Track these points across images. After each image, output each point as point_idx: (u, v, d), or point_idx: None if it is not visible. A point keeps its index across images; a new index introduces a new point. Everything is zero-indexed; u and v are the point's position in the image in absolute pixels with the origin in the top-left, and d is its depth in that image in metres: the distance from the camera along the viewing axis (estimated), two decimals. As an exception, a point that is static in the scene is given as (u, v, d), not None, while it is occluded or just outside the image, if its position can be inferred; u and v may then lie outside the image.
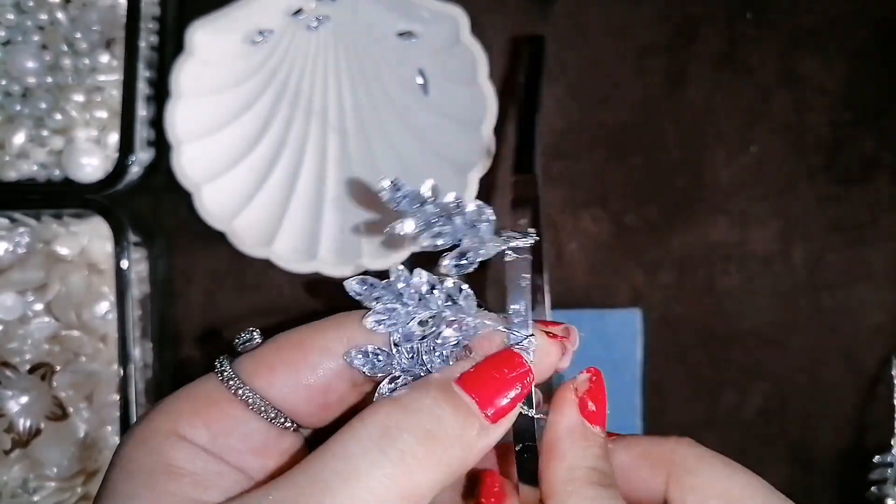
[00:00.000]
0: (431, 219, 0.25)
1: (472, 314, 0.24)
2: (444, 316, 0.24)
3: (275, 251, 0.43)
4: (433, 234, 0.25)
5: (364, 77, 0.44)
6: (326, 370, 0.24)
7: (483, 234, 0.25)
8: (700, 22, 0.46)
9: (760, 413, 0.47)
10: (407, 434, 0.21)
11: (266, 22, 0.43)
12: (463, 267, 0.25)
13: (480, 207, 0.25)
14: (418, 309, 0.24)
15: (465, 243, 0.25)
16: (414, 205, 0.25)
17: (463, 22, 0.41)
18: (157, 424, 0.23)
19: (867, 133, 0.46)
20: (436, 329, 0.24)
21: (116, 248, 0.40)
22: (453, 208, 0.25)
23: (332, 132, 0.45)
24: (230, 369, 0.24)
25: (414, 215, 0.25)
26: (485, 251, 0.25)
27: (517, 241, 0.24)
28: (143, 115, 0.41)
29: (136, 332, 0.41)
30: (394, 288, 0.24)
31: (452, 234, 0.25)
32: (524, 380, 0.23)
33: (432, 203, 0.25)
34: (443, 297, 0.24)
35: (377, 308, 0.24)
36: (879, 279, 0.46)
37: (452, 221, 0.25)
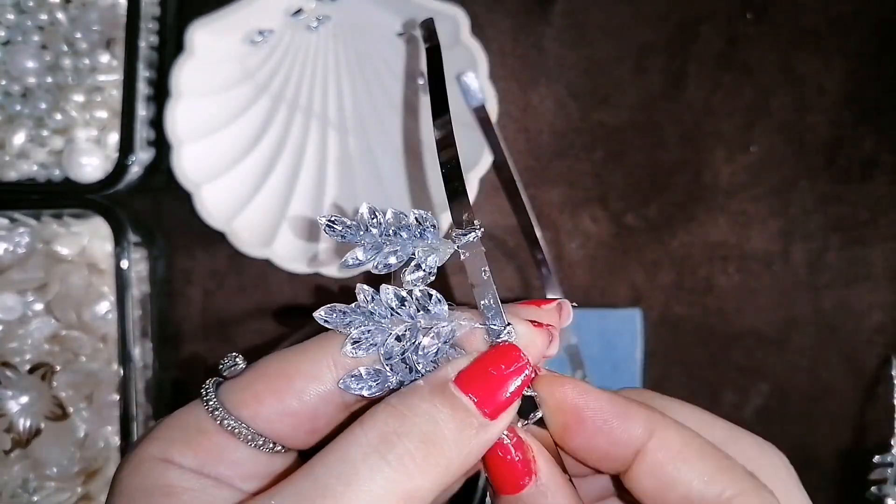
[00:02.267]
0: (379, 240, 0.25)
1: (447, 318, 0.24)
2: (419, 326, 0.24)
3: (275, 251, 0.43)
4: (385, 255, 0.25)
5: (364, 77, 0.44)
6: (313, 395, 0.23)
7: (432, 242, 0.25)
8: (700, 22, 0.46)
9: (760, 413, 0.47)
10: (406, 439, 0.21)
11: (266, 22, 0.43)
12: (423, 278, 0.25)
13: (421, 216, 0.25)
14: (392, 325, 0.24)
15: (418, 254, 0.25)
16: (357, 233, 0.25)
17: (463, 22, 0.41)
18: (148, 452, 0.23)
19: (867, 133, 0.46)
20: (414, 340, 0.24)
21: (116, 248, 0.40)
22: (396, 224, 0.25)
23: (332, 132, 0.45)
24: (215, 399, 0.24)
25: (360, 243, 0.25)
26: (439, 257, 0.25)
27: (465, 237, 0.24)
28: (143, 115, 0.41)
29: (136, 332, 0.41)
30: (364, 309, 0.24)
31: (403, 249, 0.25)
32: (522, 373, 0.23)
33: (374, 225, 0.25)
34: (414, 307, 0.24)
35: (353, 334, 0.24)
36: (879, 279, 0.46)
37: (399, 237, 0.25)
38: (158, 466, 0.22)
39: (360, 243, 0.25)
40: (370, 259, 0.25)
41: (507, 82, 0.45)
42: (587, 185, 0.46)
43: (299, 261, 0.43)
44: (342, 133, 0.45)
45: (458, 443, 0.21)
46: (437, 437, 0.21)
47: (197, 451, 0.23)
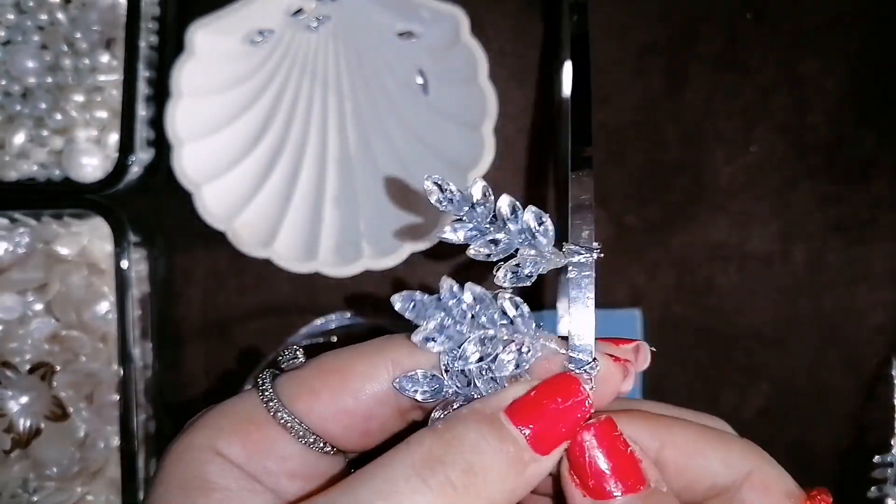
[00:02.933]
0: (483, 224, 0.23)
1: (532, 337, 0.22)
2: (500, 336, 0.22)
3: (275, 251, 0.43)
4: (485, 241, 0.23)
5: (364, 77, 0.44)
6: (369, 396, 0.23)
7: (542, 247, 0.23)
8: (700, 22, 0.46)
9: (760, 413, 0.47)
10: (449, 468, 0.20)
11: (266, 22, 0.43)
12: (520, 280, 0.23)
13: (538, 216, 0.23)
14: (471, 327, 0.22)
15: (521, 254, 0.23)
16: (463, 207, 0.23)
17: (463, 22, 0.41)
18: (195, 439, 0.22)
19: (867, 133, 0.46)
20: (491, 352, 0.22)
21: (116, 248, 0.40)
22: (508, 214, 0.23)
23: (332, 132, 0.45)
24: (272, 390, 0.23)
25: (461, 217, 0.23)
26: (544, 265, 0.23)
27: (582, 255, 0.23)
28: (143, 115, 0.41)
29: (136, 332, 0.41)
30: (443, 304, 0.22)
31: (508, 243, 0.23)
32: (580, 409, 0.22)
33: (483, 206, 0.23)
34: (497, 314, 0.22)
35: (427, 326, 0.22)
36: (879, 279, 0.46)
37: (507, 229, 0.23)
38: (200, 457, 0.22)
39: (462, 218, 0.23)
40: (468, 239, 0.23)
41: (507, 82, 0.45)
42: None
43: (299, 261, 0.43)
44: (342, 133, 0.45)
45: (503, 477, 0.21)
46: (481, 469, 0.20)
47: (245, 442, 0.22)
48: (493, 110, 0.42)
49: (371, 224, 0.44)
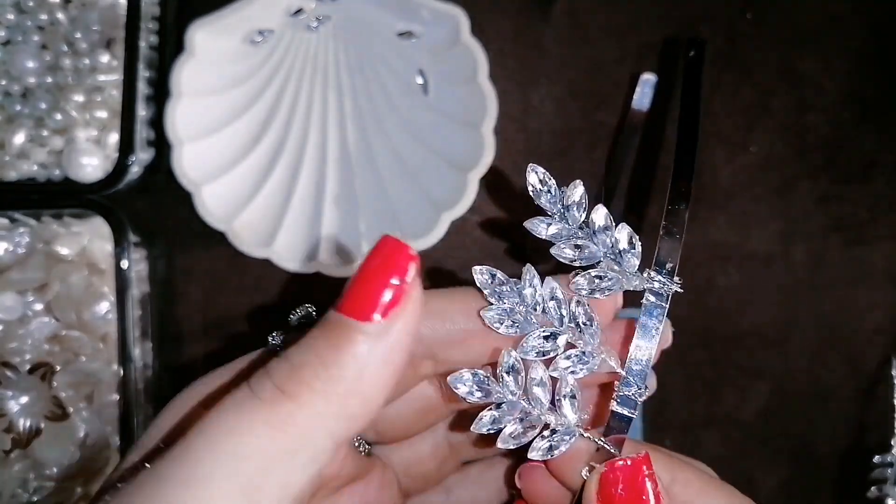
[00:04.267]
0: (574, 228, 0.23)
1: (595, 345, 0.23)
2: (564, 338, 0.23)
3: (275, 251, 0.43)
4: (572, 245, 0.23)
5: (364, 77, 0.44)
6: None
7: (626, 266, 0.23)
8: (700, 22, 0.46)
9: (760, 413, 0.47)
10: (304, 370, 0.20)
11: (266, 22, 0.43)
12: (597, 292, 0.23)
13: (631, 235, 0.23)
14: (539, 320, 0.23)
15: (602, 266, 0.23)
16: (556, 205, 0.23)
17: (463, 22, 0.41)
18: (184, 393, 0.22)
19: (867, 133, 0.46)
20: (551, 351, 0.23)
21: (116, 248, 0.40)
22: (601, 226, 0.23)
23: (332, 132, 0.45)
24: (281, 346, 0.23)
25: (551, 215, 0.23)
26: (623, 284, 0.23)
27: (663, 286, 0.23)
28: (143, 115, 0.41)
29: (136, 332, 0.41)
30: (521, 289, 0.23)
31: (593, 253, 0.23)
32: (400, 259, 0.21)
33: (578, 210, 0.23)
34: (570, 317, 0.23)
35: (501, 306, 0.23)
36: (879, 279, 0.46)
37: (596, 239, 0.23)
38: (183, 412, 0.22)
39: (552, 216, 0.23)
40: (554, 239, 0.23)
41: (507, 82, 0.45)
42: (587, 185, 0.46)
43: (299, 261, 0.43)
44: (342, 133, 0.45)
45: (362, 363, 0.20)
46: (335, 363, 0.20)
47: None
48: (493, 110, 0.42)
49: (371, 224, 0.44)
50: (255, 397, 0.20)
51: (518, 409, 0.23)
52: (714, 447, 0.46)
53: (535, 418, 0.23)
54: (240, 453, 0.19)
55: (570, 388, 0.23)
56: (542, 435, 0.23)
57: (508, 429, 0.23)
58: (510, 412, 0.23)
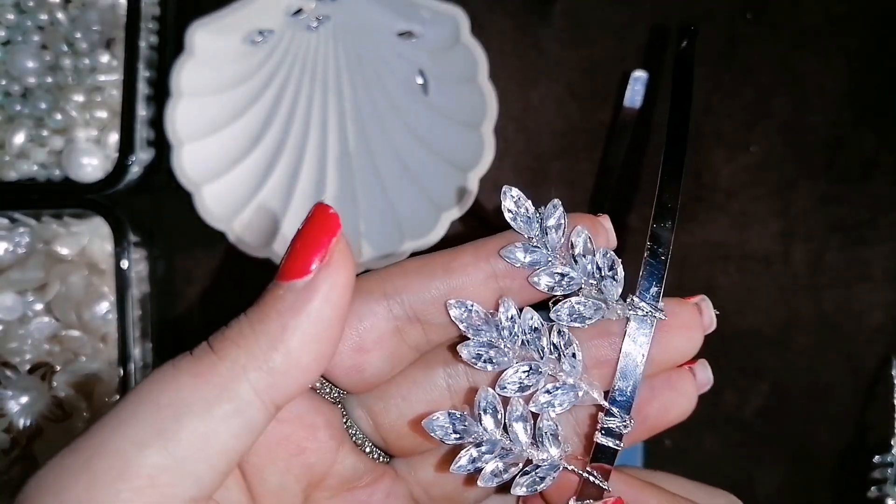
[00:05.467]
0: (552, 253, 0.22)
1: (576, 376, 0.22)
2: (544, 371, 0.22)
3: (275, 251, 0.43)
4: (551, 272, 0.22)
5: (364, 77, 0.44)
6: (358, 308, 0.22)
7: (608, 294, 0.22)
8: (700, 22, 0.46)
9: (760, 413, 0.47)
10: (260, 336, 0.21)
11: (266, 22, 0.43)
12: (577, 320, 0.22)
13: (612, 261, 0.22)
14: (520, 353, 0.22)
15: (583, 293, 0.22)
16: (531, 227, 0.22)
17: (463, 22, 0.41)
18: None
19: (867, 133, 0.46)
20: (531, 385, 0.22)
21: (116, 248, 0.40)
22: (581, 250, 0.22)
23: (332, 132, 0.45)
24: None
25: (527, 238, 0.22)
26: (605, 312, 0.22)
27: (646, 314, 0.22)
28: (143, 115, 0.41)
29: (136, 332, 0.41)
30: (497, 321, 0.22)
31: (572, 280, 0.22)
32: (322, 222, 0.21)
33: (556, 233, 0.22)
34: (549, 346, 0.22)
35: (477, 340, 0.22)
36: (879, 279, 0.46)
37: (576, 265, 0.22)
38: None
39: (527, 239, 0.22)
40: (530, 264, 0.22)
41: (507, 82, 0.45)
42: (587, 185, 0.46)
43: (299, 261, 0.43)
44: (342, 133, 0.45)
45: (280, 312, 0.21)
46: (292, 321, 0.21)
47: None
48: (493, 110, 0.42)
49: (371, 224, 0.44)
50: (188, 354, 0.21)
51: (498, 447, 0.22)
52: (714, 447, 0.46)
53: (516, 455, 0.22)
54: (160, 401, 0.20)
55: (551, 422, 0.22)
56: (524, 471, 0.22)
57: (489, 467, 0.22)
58: (490, 450, 0.22)
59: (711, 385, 0.25)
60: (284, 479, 0.23)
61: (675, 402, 0.24)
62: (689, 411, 0.25)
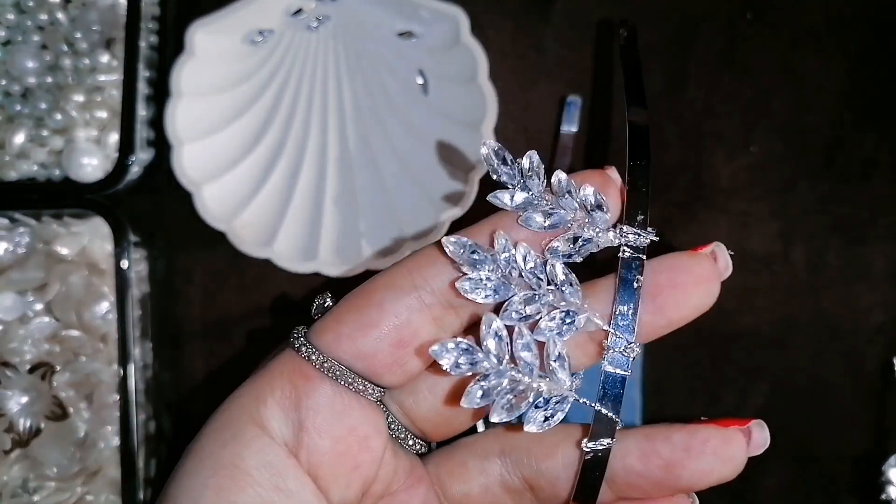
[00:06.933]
0: (537, 195, 0.23)
1: (578, 305, 0.22)
2: (547, 301, 0.22)
3: (275, 251, 0.43)
4: (540, 211, 0.23)
5: (364, 77, 0.44)
6: (395, 305, 0.22)
7: (598, 224, 0.23)
8: (700, 22, 0.46)
9: (760, 413, 0.46)
10: None
11: (266, 22, 0.43)
12: (572, 255, 0.23)
13: (597, 194, 0.23)
14: (517, 285, 0.22)
15: (575, 229, 0.23)
16: (515, 177, 0.23)
17: (463, 22, 0.41)
18: (237, 408, 0.22)
19: (867, 133, 0.46)
20: (533, 314, 0.22)
21: (116, 248, 0.40)
22: (565, 190, 0.23)
23: (332, 132, 0.45)
24: (303, 337, 0.23)
25: (514, 187, 0.23)
26: (598, 243, 0.23)
27: (637, 237, 0.23)
28: (143, 115, 0.41)
29: (136, 332, 0.41)
30: (496, 256, 0.22)
31: (562, 217, 0.23)
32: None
33: (536, 177, 0.23)
34: (545, 280, 0.22)
35: (478, 275, 0.22)
36: (879, 279, 0.46)
37: (563, 203, 0.23)
38: (240, 435, 0.22)
39: (514, 188, 0.23)
40: (521, 209, 0.23)
41: (507, 82, 0.45)
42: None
43: (299, 261, 0.43)
44: (342, 133, 0.45)
45: None
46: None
47: (279, 399, 0.22)
48: (493, 110, 0.42)
49: (371, 224, 0.44)
50: None
51: (507, 378, 0.22)
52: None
53: (525, 385, 0.22)
54: None
55: (558, 350, 0.22)
56: (535, 405, 0.22)
57: (500, 400, 0.22)
58: (499, 381, 0.22)
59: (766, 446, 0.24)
60: (345, 494, 0.23)
61: (717, 469, 0.23)
62: (733, 476, 0.23)
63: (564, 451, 0.23)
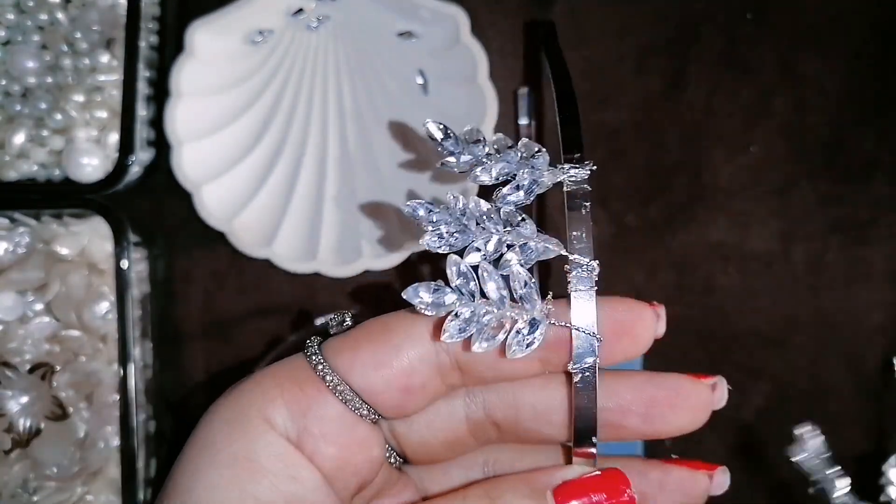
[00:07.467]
0: (481, 157, 0.25)
1: (534, 238, 0.24)
2: (504, 240, 0.24)
3: (275, 251, 0.43)
4: (487, 167, 0.24)
5: (364, 77, 0.44)
6: (409, 351, 0.24)
7: (540, 167, 0.24)
8: (700, 22, 0.46)
9: (760, 413, 0.47)
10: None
11: (266, 22, 0.43)
12: (520, 198, 0.24)
13: (531, 145, 0.25)
14: (477, 234, 0.24)
15: (520, 176, 0.24)
16: (458, 147, 0.25)
17: (463, 22, 0.41)
18: (244, 405, 0.23)
19: (867, 133, 0.46)
20: (494, 251, 0.24)
21: (116, 248, 0.40)
22: (503, 145, 0.25)
23: (332, 132, 0.45)
24: (317, 349, 0.24)
25: (464, 153, 0.25)
26: (543, 181, 0.24)
27: (577, 170, 0.24)
28: (143, 115, 0.41)
29: (136, 332, 0.41)
30: (453, 211, 0.24)
31: (508, 166, 0.24)
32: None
33: (479, 144, 0.25)
34: (501, 223, 0.24)
35: (437, 229, 0.24)
36: (879, 279, 0.46)
37: (505, 157, 0.25)
38: (251, 429, 0.23)
39: (458, 156, 0.25)
40: (466, 166, 0.25)
41: (507, 82, 0.45)
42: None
43: (299, 261, 0.43)
44: (342, 133, 0.45)
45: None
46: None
47: (288, 401, 0.23)
48: (493, 110, 0.42)
49: (371, 224, 0.44)
50: None
51: (481, 311, 0.23)
52: (714, 447, 0.46)
53: (500, 315, 0.23)
54: None
55: (524, 277, 0.23)
56: (516, 331, 0.23)
57: (479, 330, 0.23)
58: (474, 313, 0.23)
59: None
60: (342, 495, 0.24)
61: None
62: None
63: (544, 380, 0.25)
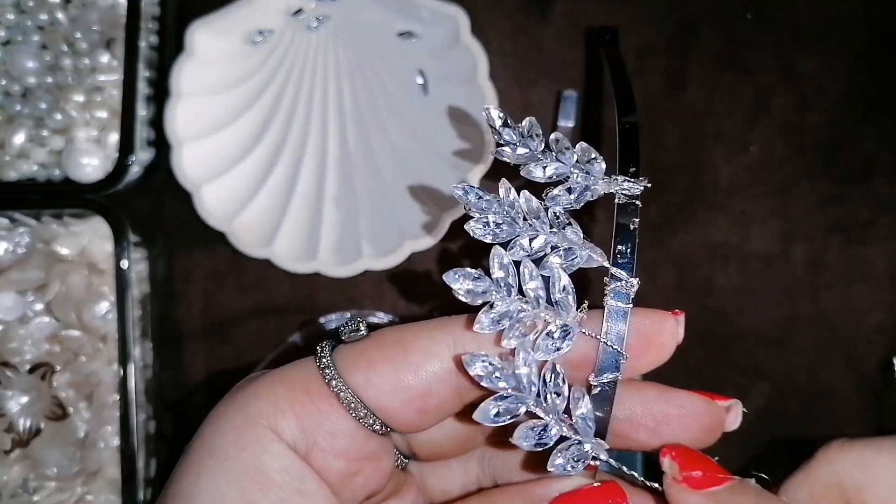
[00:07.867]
0: (537, 152, 0.24)
1: (579, 243, 0.24)
2: (550, 241, 0.24)
3: (275, 251, 0.43)
4: (542, 164, 0.24)
5: (364, 77, 0.44)
6: (429, 371, 0.23)
7: (594, 174, 0.24)
8: (700, 22, 0.46)
9: (760, 413, 0.47)
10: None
11: (266, 22, 0.43)
12: (570, 202, 0.24)
13: (589, 149, 0.24)
14: (524, 229, 0.24)
15: (573, 179, 0.24)
16: (517, 137, 0.25)
17: (463, 22, 0.41)
18: (254, 412, 0.22)
19: (867, 133, 0.46)
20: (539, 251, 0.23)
21: (116, 248, 0.40)
22: (563, 147, 0.24)
23: (332, 132, 0.45)
24: (330, 357, 0.23)
25: (520, 146, 0.24)
26: (595, 190, 0.24)
27: (632, 185, 0.24)
28: (143, 115, 0.41)
29: (136, 332, 0.41)
30: (502, 202, 0.24)
31: (563, 167, 0.24)
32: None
33: (535, 138, 0.25)
34: (549, 222, 0.24)
35: (485, 217, 0.23)
36: (879, 279, 0.46)
37: (561, 158, 0.24)
38: (259, 441, 0.22)
39: (516, 146, 0.24)
40: (521, 160, 0.24)
41: (507, 82, 0.45)
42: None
43: (299, 261, 0.43)
44: (342, 133, 0.45)
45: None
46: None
47: (299, 414, 0.22)
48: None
49: (371, 224, 0.44)
50: None
51: (517, 307, 0.23)
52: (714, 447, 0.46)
53: (533, 315, 0.23)
54: None
55: (563, 282, 0.23)
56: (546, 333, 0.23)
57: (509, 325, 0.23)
58: (508, 309, 0.23)
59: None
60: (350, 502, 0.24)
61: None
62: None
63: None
